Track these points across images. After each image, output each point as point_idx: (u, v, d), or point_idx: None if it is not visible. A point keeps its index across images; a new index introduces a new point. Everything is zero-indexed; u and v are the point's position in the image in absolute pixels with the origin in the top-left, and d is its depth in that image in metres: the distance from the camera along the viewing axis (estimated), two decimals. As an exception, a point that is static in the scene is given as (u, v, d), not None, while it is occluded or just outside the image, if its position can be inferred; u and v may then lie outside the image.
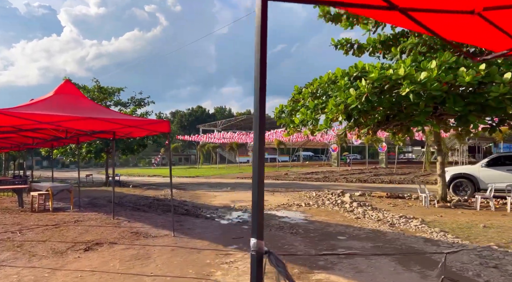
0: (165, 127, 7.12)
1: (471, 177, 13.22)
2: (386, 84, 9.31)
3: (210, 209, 10.87)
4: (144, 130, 7.49)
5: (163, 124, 7.08)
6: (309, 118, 10.61)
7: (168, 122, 7.06)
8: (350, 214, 9.49)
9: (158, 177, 30.88)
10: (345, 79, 10.03)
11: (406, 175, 27.47)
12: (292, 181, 23.42)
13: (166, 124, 7.07)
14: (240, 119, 76.19)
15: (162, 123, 7.06)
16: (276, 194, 15.06)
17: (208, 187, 19.10)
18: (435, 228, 7.25)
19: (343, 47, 13.74)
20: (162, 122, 7.03)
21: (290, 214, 9.65)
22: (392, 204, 11.64)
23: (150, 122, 6.92)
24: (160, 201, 13.20)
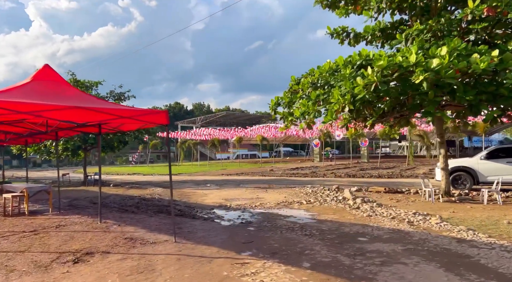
0: (162, 118, 6.26)
1: (470, 170, 12.93)
2: (395, 72, 8.73)
3: (205, 209, 10.05)
4: (138, 122, 6.59)
5: (161, 115, 6.21)
6: (311, 110, 9.93)
7: (166, 113, 6.20)
8: (358, 211, 8.89)
9: (138, 175, 29.63)
10: (349, 68, 9.39)
11: (391, 169, 27.37)
12: (280, 177, 22.80)
13: (164, 115, 6.21)
14: (220, 116, 75.17)
15: (159, 114, 6.19)
16: (270, 191, 14.36)
17: (194, 185, 18.19)
18: (459, 226, 6.73)
19: (339, 36, 13.16)
20: (160, 113, 6.16)
21: (295, 213, 8.96)
22: (394, 199, 11.15)
23: (145, 112, 6.04)
24: (147, 200, 12.25)
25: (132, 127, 7.82)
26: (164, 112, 6.21)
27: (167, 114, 6.22)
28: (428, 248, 5.33)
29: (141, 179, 24.23)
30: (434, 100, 8.96)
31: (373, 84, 8.61)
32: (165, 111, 6.21)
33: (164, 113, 6.21)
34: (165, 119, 6.25)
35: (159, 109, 6.13)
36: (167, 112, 6.25)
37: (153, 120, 6.34)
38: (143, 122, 6.45)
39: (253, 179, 21.32)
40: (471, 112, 9.00)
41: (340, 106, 9.22)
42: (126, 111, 5.96)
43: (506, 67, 8.25)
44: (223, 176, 25.11)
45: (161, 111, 6.20)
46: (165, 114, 6.22)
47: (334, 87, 9.95)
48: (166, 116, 6.22)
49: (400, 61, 8.57)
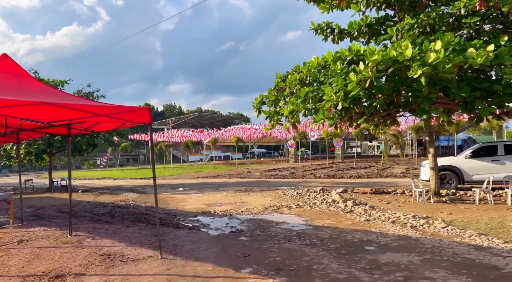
0: (145, 116, 5.46)
1: (455, 169, 12.79)
2: (388, 68, 8.30)
3: (188, 216, 9.24)
4: (116, 121, 5.75)
5: (143, 113, 5.41)
6: (301, 108, 9.35)
7: (149, 110, 5.41)
8: (352, 215, 8.38)
9: (108, 179, 28.15)
10: (340, 63, 8.89)
11: (368, 169, 27.39)
12: (258, 178, 22.17)
13: (147, 113, 5.41)
14: (192, 117, 73.73)
15: (141, 112, 5.39)
16: (252, 194, 13.69)
17: (171, 189, 17.24)
18: (468, 230, 6.32)
19: (323, 31, 12.70)
20: (142, 110, 5.36)
21: (287, 219, 8.34)
22: (384, 201, 10.77)
23: (125, 110, 5.23)
24: (122, 208, 11.26)
25: (108, 127, 6.92)
26: (146, 110, 5.42)
27: (150, 112, 5.44)
28: (448, 257, 4.84)
29: (111, 184, 22.92)
30: (428, 97, 8.62)
31: (368, 80, 8.14)
32: (147, 108, 5.42)
33: (146, 111, 5.42)
34: (147, 117, 5.45)
35: (141, 107, 5.30)
36: (150, 110, 5.46)
37: (134, 118, 5.52)
38: (122, 121, 5.62)
39: (231, 182, 20.56)
40: (465, 109, 8.70)
41: (332, 104, 8.70)
42: (103, 108, 5.12)
43: (502, 62, 7.95)
44: (199, 178, 24.19)
45: (143, 108, 5.40)
46: (148, 112, 5.43)
47: (324, 84, 9.44)
48: (149, 114, 5.43)
49: (395, 56, 8.14)
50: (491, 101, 8.87)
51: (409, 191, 12.65)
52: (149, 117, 5.43)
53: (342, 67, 8.77)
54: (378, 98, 9.07)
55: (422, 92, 8.59)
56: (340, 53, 9.70)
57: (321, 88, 9.45)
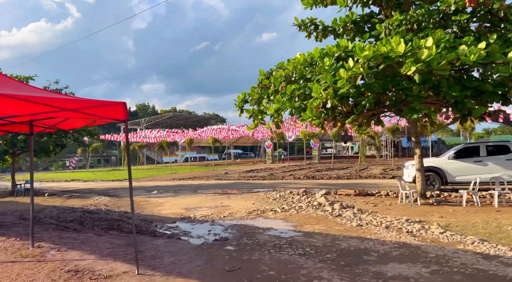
0: (119, 111, 4.77)
1: (438, 170, 12.66)
2: (379, 64, 7.93)
3: (166, 222, 8.54)
4: (86, 118, 5.03)
5: (117, 108, 4.72)
6: (288, 107, 8.84)
7: (124, 105, 4.73)
8: (342, 220, 7.95)
9: (78, 181, 26.78)
10: (330, 59, 8.45)
11: (345, 170, 27.33)
12: (237, 180, 21.56)
13: (121, 108, 4.73)
14: (167, 117, 72.15)
15: (115, 106, 4.69)
16: (233, 197, 13.08)
17: (145, 192, 16.36)
18: (468, 236, 5.98)
19: (306, 28, 12.26)
20: (116, 105, 4.67)
21: (273, 224, 7.80)
22: (370, 203, 10.45)
23: (98, 104, 4.53)
24: (92, 213, 10.40)
25: (77, 124, 6.13)
26: (121, 104, 4.74)
27: (125, 107, 4.76)
28: (458, 268, 4.43)
29: (81, 186, 21.71)
30: (419, 96, 8.32)
31: (359, 77, 7.74)
32: (122, 103, 4.74)
33: (121, 106, 4.74)
34: (122, 113, 4.78)
35: (115, 101, 4.62)
36: (125, 104, 4.78)
37: (107, 114, 4.83)
38: (92, 117, 4.91)
39: (209, 184, 19.86)
40: (456, 108, 8.45)
41: (320, 102, 8.25)
42: (70, 102, 4.41)
43: (493, 60, 7.71)
44: (175, 180, 23.32)
45: (118, 102, 4.72)
46: (123, 107, 4.75)
47: (311, 82, 8.99)
48: (124, 110, 4.76)
49: (386, 52, 7.78)
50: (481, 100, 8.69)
51: (393, 192, 12.42)
52: (125, 113, 4.76)
53: (331, 63, 8.33)
54: (367, 97, 8.71)
55: (413, 90, 8.28)
56: (327, 49, 9.28)
57: (308, 86, 9.00)
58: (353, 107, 9.32)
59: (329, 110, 9.07)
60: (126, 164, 46.60)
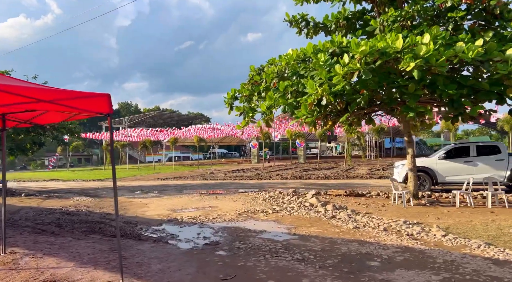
0: (103, 104, 4.31)
1: (428, 170, 12.53)
2: (376, 60, 7.65)
3: (152, 225, 8.06)
4: (65, 111, 4.54)
5: (101, 100, 4.26)
6: (281, 103, 8.48)
7: (108, 97, 4.27)
8: (337, 221, 7.63)
9: (57, 181, 25.82)
10: (325, 55, 8.14)
11: (331, 170, 27.20)
12: (223, 180, 21.11)
13: (105, 100, 4.27)
14: (150, 116, 70.98)
15: (99, 98, 4.23)
16: (220, 197, 12.65)
17: (128, 192, 15.76)
18: (472, 239, 5.73)
19: (297, 24, 11.95)
20: (100, 97, 4.21)
21: (266, 226, 7.42)
22: (363, 204, 10.20)
23: (79, 95, 4.06)
24: (72, 215, 9.81)
25: (55, 118, 5.59)
26: (105, 96, 4.27)
27: (109, 99, 4.30)
28: (470, 276, 4.15)
29: (61, 186, 20.86)
30: (415, 94, 8.09)
31: (356, 73, 7.44)
32: (106, 94, 4.28)
33: (105, 98, 4.28)
34: (106, 106, 4.32)
35: (98, 93, 4.15)
36: (110, 96, 4.32)
37: (89, 107, 4.35)
38: (73, 110, 4.42)
39: (195, 184, 19.35)
40: (452, 107, 8.25)
41: (315, 98, 7.92)
42: (49, 92, 3.93)
43: (490, 58, 7.51)
44: (159, 180, 22.69)
45: (101, 94, 4.26)
46: (107, 99, 4.29)
47: (304, 78, 8.65)
48: (108, 102, 4.30)
49: (383, 48, 7.51)
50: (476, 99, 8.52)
51: (384, 193, 12.22)
52: (109, 106, 4.31)
53: (326, 59, 8.01)
54: (362, 94, 8.43)
55: (408, 88, 8.05)
56: (321, 45, 8.97)
57: (302, 82, 8.66)
58: (347, 105, 9.06)
59: (322, 108, 8.77)
60: (108, 163, 45.46)
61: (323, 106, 8.61)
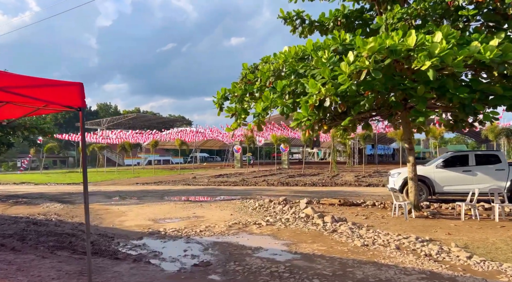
0: (73, 96, 3.40)
1: (425, 179, 11.95)
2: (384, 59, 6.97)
3: (131, 239, 7.09)
4: (27, 103, 3.60)
5: (71, 90, 3.35)
6: (279, 104, 7.69)
7: (80, 87, 3.37)
8: (341, 237, 6.86)
9: (28, 184, 24.24)
10: (328, 52, 7.41)
11: (316, 176, 26.61)
12: (207, 186, 20.13)
13: (77, 91, 3.37)
14: (130, 118, 69.06)
15: (68, 88, 3.32)
16: (206, 205, 11.72)
17: (105, 198, 14.62)
18: (504, 264, 5.03)
19: (292, 22, 11.23)
20: (69, 86, 3.31)
21: (262, 243, 6.57)
22: (361, 215, 9.50)
23: (45, 83, 3.15)
24: (39, 225, 8.71)
25: (15, 112, 4.54)
26: (77, 86, 3.37)
27: (82, 89, 3.39)
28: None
29: (32, 190, 19.43)
30: (424, 97, 7.46)
31: (364, 72, 6.73)
32: (78, 84, 3.38)
33: (77, 88, 3.37)
34: (78, 97, 3.42)
35: (69, 81, 3.22)
36: (82, 86, 3.41)
37: (57, 98, 3.43)
38: (37, 102, 3.49)
39: (177, 189, 18.30)
40: (463, 112, 7.66)
41: (317, 99, 7.16)
42: (5, 77, 3.00)
43: (505, 60, 6.91)
44: (138, 185, 21.51)
45: (73, 83, 3.36)
46: (79, 89, 3.38)
47: (304, 77, 7.90)
48: (81, 93, 3.40)
49: (393, 45, 6.83)
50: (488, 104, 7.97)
51: (380, 202, 11.59)
52: (81, 98, 3.41)
53: (330, 56, 7.27)
54: (367, 96, 7.74)
55: (417, 91, 7.41)
56: (321, 43, 8.26)
57: (301, 82, 7.91)
58: (348, 107, 8.36)
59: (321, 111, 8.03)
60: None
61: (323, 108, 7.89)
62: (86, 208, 3.91)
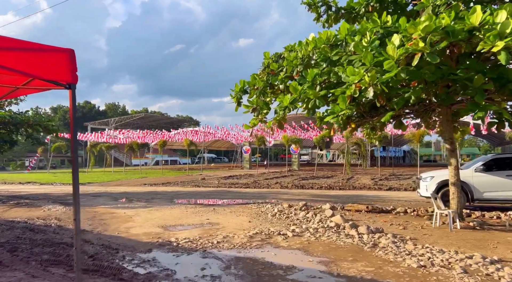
0: (61, 67, 2.40)
1: (463, 185, 10.76)
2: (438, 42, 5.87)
3: (138, 251, 6.08)
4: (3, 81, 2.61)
5: (57, 59, 2.36)
6: (311, 96, 6.62)
7: (70, 54, 2.38)
8: (387, 253, 5.79)
9: (34, 184, 23.46)
10: (371, 34, 6.35)
11: (332, 179, 25.44)
12: (217, 188, 19.12)
13: (65, 61, 2.38)
14: (138, 118, 68.47)
15: (53, 56, 2.33)
16: (219, 210, 10.69)
17: (111, 200, 13.68)
18: None
19: (316, 8, 10.18)
20: (56, 53, 2.32)
21: (293, 259, 5.52)
22: (397, 224, 8.41)
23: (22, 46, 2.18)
24: (36, 232, 7.75)
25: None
26: (65, 53, 2.37)
27: (72, 58, 2.39)
28: None
29: (36, 190, 18.59)
30: (481, 89, 6.35)
31: (417, 56, 5.65)
32: (68, 50, 2.38)
33: (65, 56, 2.38)
34: (67, 69, 2.41)
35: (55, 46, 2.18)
36: (73, 54, 2.41)
37: (39, 71, 2.42)
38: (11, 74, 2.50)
39: (186, 191, 17.32)
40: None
41: (357, 89, 6.10)
42: None
43: None
44: (146, 186, 20.57)
45: (60, 49, 2.35)
46: (68, 58, 2.39)
47: (338, 65, 6.84)
48: (71, 64, 2.40)
49: (450, 25, 5.75)
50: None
51: (412, 209, 10.47)
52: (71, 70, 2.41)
53: (373, 39, 6.20)
54: (413, 88, 6.66)
55: (474, 81, 6.29)
56: (359, 27, 7.19)
57: (334, 71, 6.85)
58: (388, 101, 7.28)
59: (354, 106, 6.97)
60: (92, 166, 42.92)
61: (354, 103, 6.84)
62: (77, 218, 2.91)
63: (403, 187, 18.30)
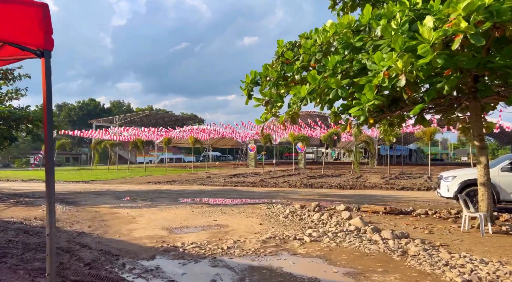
0: (30, 26, 1.75)
1: (488, 184, 10.04)
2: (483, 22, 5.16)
3: (140, 258, 5.45)
4: None
5: (24, 15, 1.73)
6: (332, 85, 5.93)
7: (42, 10, 1.75)
8: (421, 263, 5.12)
9: (36, 181, 22.99)
10: (403, 15, 5.66)
11: (340, 178, 24.70)
12: (223, 186, 18.49)
13: (35, 18, 1.73)
14: (142, 115, 68.05)
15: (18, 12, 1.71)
16: (227, 210, 10.05)
17: (114, 199, 13.10)
18: None
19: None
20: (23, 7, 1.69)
21: (314, 269, 4.86)
22: (421, 228, 7.73)
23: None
24: (31, 234, 7.16)
25: None
26: (34, 7, 1.72)
27: (45, 13, 1.74)
28: None
29: (38, 188, 18.07)
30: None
31: (458, 39, 4.94)
32: (38, 3, 1.73)
33: (34, 10, 1.72)
34: (38, 30, 1.75)
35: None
36: (47, 9, 1.77)
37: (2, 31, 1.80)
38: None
39: (192, 190, 16.71)
40: None
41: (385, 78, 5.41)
42: None
43: None
44: (151, 184, 19.99)
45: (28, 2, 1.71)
46: (39, 15, 1.72)
47: (363, 52, 6.16)
48: (42, 24, 1.73)
49: (495, 5, 5.05)
50: None
51: (433, 211, 9.77)
52: (43, 31, 1.74)
53: (404, 20, 5.52)
54: (447, 77, 5.96)
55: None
56: (385, 9, 6.50)
57: (356, 58, 6.17)
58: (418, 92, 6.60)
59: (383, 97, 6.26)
60: (96, 163, 42.47)
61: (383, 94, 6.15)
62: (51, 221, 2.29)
63: (417, 186, 17.58)
